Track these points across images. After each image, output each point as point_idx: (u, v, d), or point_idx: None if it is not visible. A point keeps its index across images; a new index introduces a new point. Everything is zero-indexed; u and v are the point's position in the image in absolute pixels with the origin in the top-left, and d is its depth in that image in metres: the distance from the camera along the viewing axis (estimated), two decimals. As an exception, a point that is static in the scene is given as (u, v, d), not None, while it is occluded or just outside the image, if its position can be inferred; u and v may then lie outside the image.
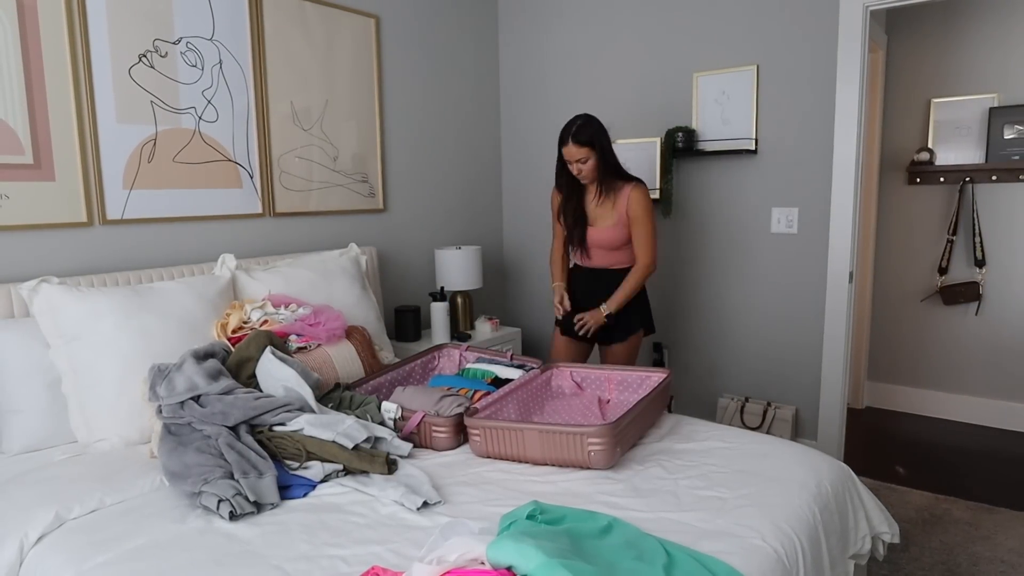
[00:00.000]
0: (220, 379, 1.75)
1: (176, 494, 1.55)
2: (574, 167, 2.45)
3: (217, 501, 1.43)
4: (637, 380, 2.14)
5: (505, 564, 1.09)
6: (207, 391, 1.71)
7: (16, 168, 1.98)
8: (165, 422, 1.70)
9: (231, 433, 1.65)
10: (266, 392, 1.83)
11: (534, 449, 1.68)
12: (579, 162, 2.42)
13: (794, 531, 1.41)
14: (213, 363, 1.80)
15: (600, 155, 2.42)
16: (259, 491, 1.48)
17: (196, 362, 1.78)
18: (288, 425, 1.70)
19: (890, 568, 2.23)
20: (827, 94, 2.78)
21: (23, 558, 1.39)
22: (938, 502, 2.71)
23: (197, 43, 2.37)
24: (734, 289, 3.16)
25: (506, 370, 2.22)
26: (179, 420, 1.69)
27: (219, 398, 1.70)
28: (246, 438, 1.64)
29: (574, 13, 3.45)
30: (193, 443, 1.61)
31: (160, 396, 1.72)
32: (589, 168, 2.43)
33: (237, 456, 1.55)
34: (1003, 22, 3.38)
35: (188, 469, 1.51)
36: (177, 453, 1.57)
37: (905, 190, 3.75)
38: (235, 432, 1.66)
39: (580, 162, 2.42)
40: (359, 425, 1.70)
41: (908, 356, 3.84)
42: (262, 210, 2.63)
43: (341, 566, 1.25)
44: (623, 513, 1.43)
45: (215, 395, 1.71)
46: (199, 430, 1.66)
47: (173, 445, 1.60)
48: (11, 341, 1.84)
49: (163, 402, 1.71)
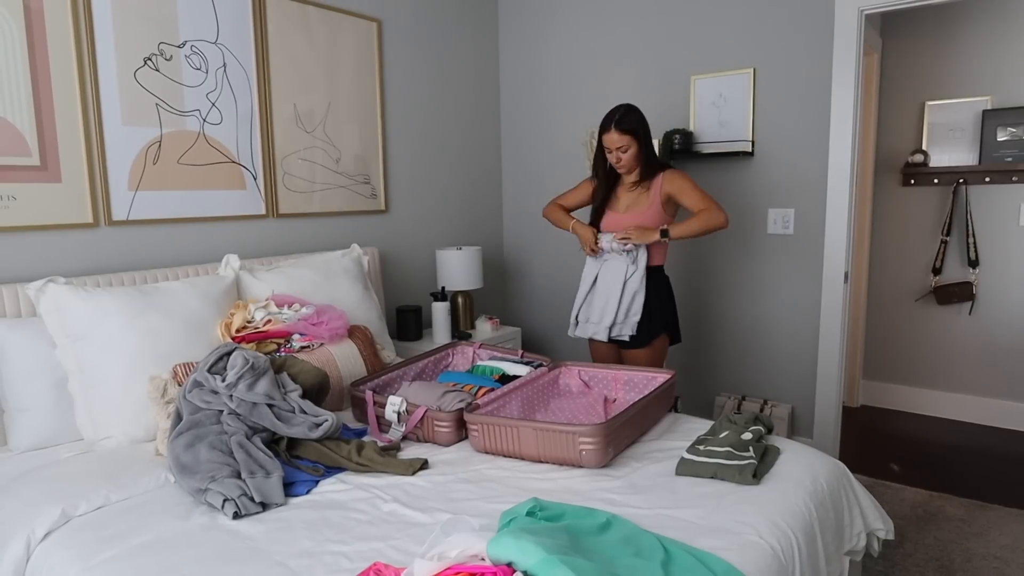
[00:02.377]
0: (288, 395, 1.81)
1: (180, 491, 1.57)
2: (614, 155, 2.42)
3: (223, 500, 1.45)
4: (643, 380, 2.15)
5: (505, 560, 1.10)
6: (280, 405, 1.75)
7: (23, 170, 1.99)
8: (186, 411, 1.70)
9: (249, 431, 1.67)
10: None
11: (530, 446, 1.69)
12: (619, 150, 2.40)
13: (790, 528, 1.41)
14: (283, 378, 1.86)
15: (642, 144, 2.41)
16: (265, 491, 1.50)
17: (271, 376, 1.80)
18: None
19: (885, 564, 2.25)
20: (823, 97, 2.81)
21: (30, 554, 1.41)
22: (932, 499, 2.73)
23: (201, 46, 2.38)
24: (731, 289, 3.18)
25: (514, 367, 2.23)
26: (209, 407, 1.70)
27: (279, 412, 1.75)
28: (255, 439, 1.66)
29: (573, 18, 3.47)
30: (207, 437, 1.62)
31: (233, 385, 1.71)
32: (630, 156, 2.41)
33: (245, 455, 1.57)
34: (996, 26, 3.41)
35: (199, 464, 1.53)
36: (193, 448, 1.58)
37: (900, 191, 3.78)
38: (252, 432, 1.69)
39: (621, 150, 2.40)
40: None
41: (903, 355, 3.87)
42: (265, 211, 2.65)
43: (344, 562, 1.26)
44: (621, 510, 1.44)
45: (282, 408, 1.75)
46: (219, 423, 1.68)
47: (191, 439, 1.61)
48: (18, 340, 1.85)
49: (236, 394, 1.70)
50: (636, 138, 2.39)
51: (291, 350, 2.15)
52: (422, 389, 1.93)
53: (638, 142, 2.40)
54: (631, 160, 2.43)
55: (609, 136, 2.39)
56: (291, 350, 2.15)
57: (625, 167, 2.45)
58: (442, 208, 3.49)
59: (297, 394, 1.80)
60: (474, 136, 3.65)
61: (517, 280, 3.91)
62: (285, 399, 1.78)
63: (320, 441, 1.73)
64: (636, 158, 2.43)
